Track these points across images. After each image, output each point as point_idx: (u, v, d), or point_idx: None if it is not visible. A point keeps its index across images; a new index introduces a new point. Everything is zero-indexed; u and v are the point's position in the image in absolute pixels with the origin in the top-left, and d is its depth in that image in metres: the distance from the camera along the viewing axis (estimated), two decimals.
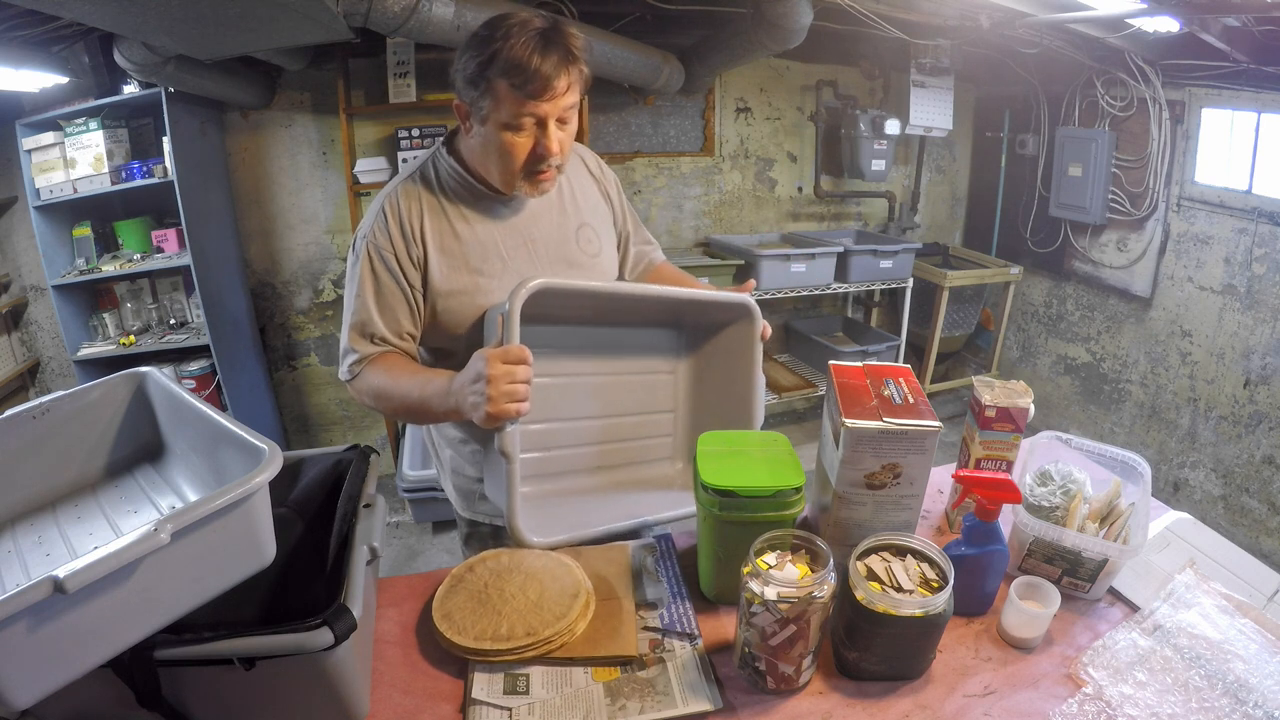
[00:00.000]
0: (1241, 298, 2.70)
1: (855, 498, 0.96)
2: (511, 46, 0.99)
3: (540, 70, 0.99)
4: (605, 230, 1.32)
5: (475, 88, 1.03)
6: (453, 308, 1.16)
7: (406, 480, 2.76)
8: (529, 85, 1.00)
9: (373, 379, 1.14)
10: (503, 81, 1.00)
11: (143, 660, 0.67)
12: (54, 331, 2.78)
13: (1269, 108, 2.52)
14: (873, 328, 3.73)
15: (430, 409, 1.08)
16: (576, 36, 1.04)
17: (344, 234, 3.04)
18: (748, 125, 3.45)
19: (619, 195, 1.37)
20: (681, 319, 1.31)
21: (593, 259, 1.26)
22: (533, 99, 1.01)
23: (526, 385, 0.97)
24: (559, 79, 1.01)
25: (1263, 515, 2.71)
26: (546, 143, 1.05)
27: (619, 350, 1.29)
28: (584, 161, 1.33)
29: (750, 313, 1.23)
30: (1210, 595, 0.97)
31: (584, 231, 1.27)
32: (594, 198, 1.32)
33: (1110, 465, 1.12)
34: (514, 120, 1.03)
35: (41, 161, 2.43)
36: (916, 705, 0.83)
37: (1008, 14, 2.47)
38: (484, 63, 1.00)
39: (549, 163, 1.08)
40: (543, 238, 1.21)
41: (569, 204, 1.26)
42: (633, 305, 1.22)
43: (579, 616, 0.91)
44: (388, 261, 1.12)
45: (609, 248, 1.32)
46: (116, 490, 0.95)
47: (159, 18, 1.63)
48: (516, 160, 1.07)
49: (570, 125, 1.10)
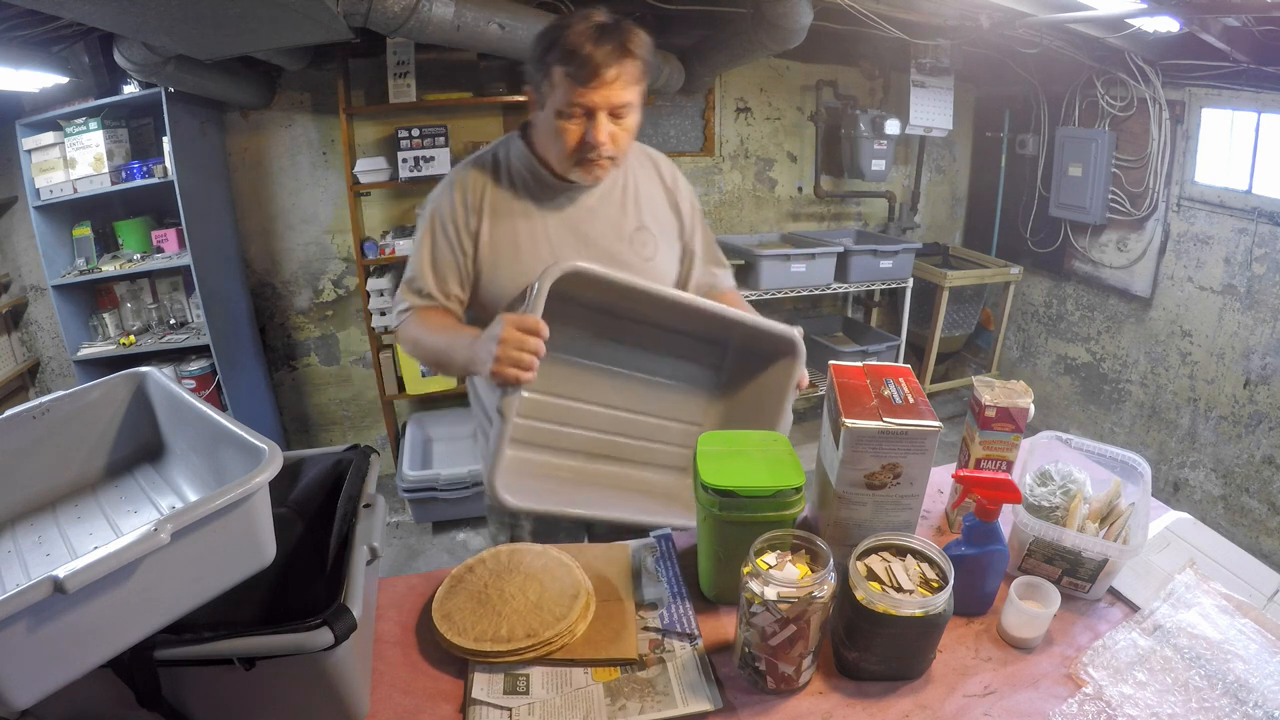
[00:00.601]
0: (1241, 298, 2.70)
1: (855, 498, 0.96)
2: (571, 35, 1.05)
3: (591, 58, 1.04)
4: (666, 239, 1.32)
5: (538, 72, 1.11)
6: (495, 284, 1.23)
7: (406, 480, 2.77)
8: (580, 72, 1.05)
9: (413, 328, 1.23)
10: (559, 68, 1.06)
11: (143, 660, 0.67)
12: (54, 331, 2.78)
13: (1269, 108, 2.52)
14: (873, 328, 3.73)
15: (453, 359, 1.15)
16: (637, 35, 1.09)
17: (344, 234, 3.04)
18: (748, 125, 3.45)
19: (692, 210, 1.37)
20: (724, 340, 1.29)
21: (645, 262, 1.27)
22: (581, 86, 1.06)
23: (533, 356, 1.01)
24: (609, 69, 1.05)
25: (1263, 515, 2.71)
26: (595, 133, 1.09)
27: (652, 369, 1.30)
28: (658, 168, 1.34)
29: (794, 350, 1.22)
30: (1210, 595, 0.97)
31: (640, 235, 1.28)
32: (660, 205, 1.32)
33: (1110, 465, 1.12)
34: (565, 107, 1.09)
35: (41, 161, 2.43)
36: (916, 705, 0.83)
37: (1008, 14, 2.47)
38: (546, 48, 1.08)
39: (598, 152, 1.12)
40: (595, 234, 1.24)
41: (630, 205, 1.27)
42: (671, 312, 1.19)
43: (579, 618, 0.91)
44: (446, 228, 1.21)
45: (666, 256, 1.32)
46: (116, 490, 0.95)
47: (159, 18, 1.63)
48: (567, 145, 1.12)
49: (626, 120, 1.13)
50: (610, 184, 1.27)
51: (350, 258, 3.07)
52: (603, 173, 1.18)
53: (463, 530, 2.98)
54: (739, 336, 1.27)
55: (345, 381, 3.33)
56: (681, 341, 1.29)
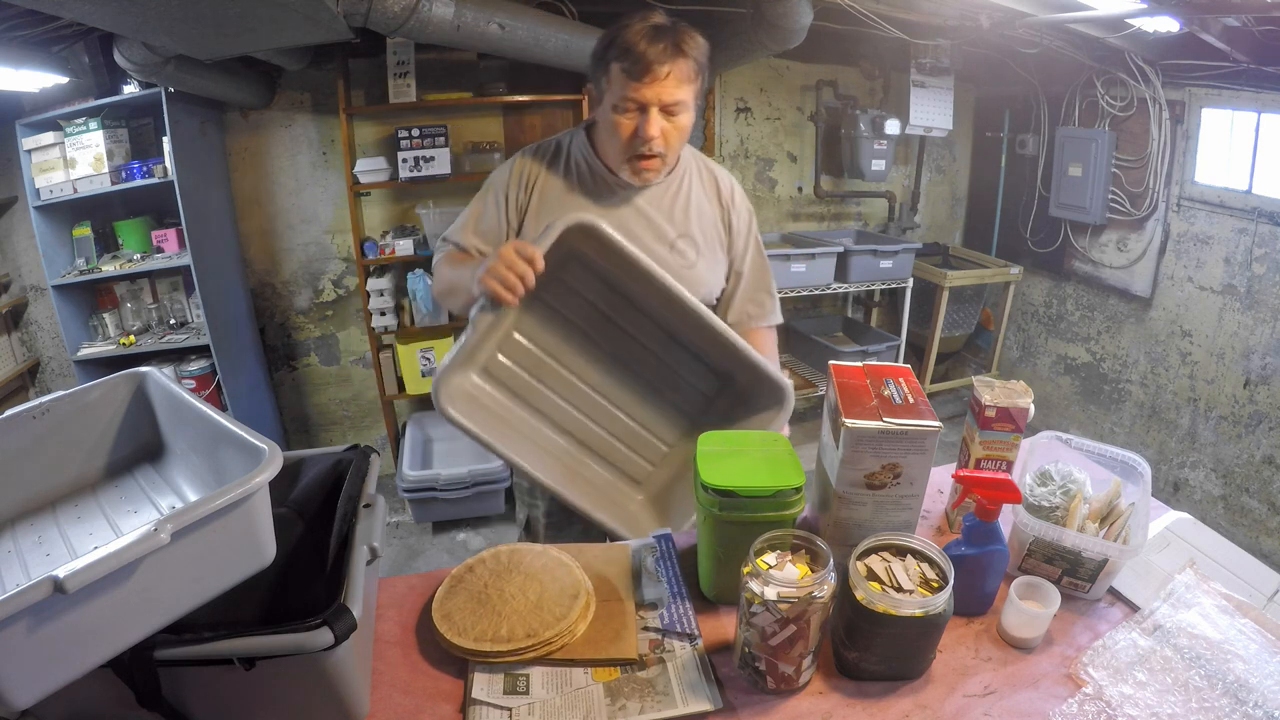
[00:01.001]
0: (1241, 298, 2.70)
1: (855, 498, 0.96)
2: (628, 33, 1.11)
3: (645, 54, 1.10)
4: (710, 252, 1.33)
5: (598, 69, 1.17)
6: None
7: (406, 480, 2.77)
8: (634, 68, 1.10)
9: (444, 265, 1.33)
10: (615, 64, 1.13)
11: (143, 660, 0.67)
12: (54, 331, 2.78)
13: (1269, 108, 2.52)
14: (873, 328, 3.73)
15: (466, 282, 1.20)
16: (691, 36, 1.14)
17: (344, 234, 3.04)
18: (748, 125, 3.45)
19: (746, 233, 1.37)
20: (727, 375, 1.29)
21: (682, 270, 1.27)
22: (635, 81, 1.11)
23: (520, 281, 1.05)
24: (661, 66, 1.10)
25: (1263, 515, 2.71)
26: (646, 127, 1.14)
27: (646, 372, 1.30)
28: (717, 183, 1.35)
29: (783, 400, 1.23)
30: (1210, 595, 0.97)
31: (683, 242, 1.30)
32: (709, 218, 1.33)
33: (1110, 465, 1.12)
34: (620, 101, 1.14)
35: (41, 161, 2.43)
36: (916, 705, 0.83)
37: (1008, 14, 2.47)
38: (606, 46, 1.15)
39: (650, 148, 1.16)
40: (638, 232, 1.26)
41: (679, 212, 1.29)
42: (674, 311, 1.19)
43: (579, 618, 0.91)
44: (499, 198, 1.30)
45: (707, 269, 1.32)
46: (116, 490, 0.95)
47: (159, 18, 1.63)
48: (621, 140, 1.17)
49: (678, 119, 1.17)
50: (663, 189, 1.29)
51: (350, 258, 3.07)
52: (652, 175, 1.21)
53: (463, 530, 2.98)
54: (742, 377, 1.27)
55: (345, 381, 3.33)
56: (685, 359, 1.28)
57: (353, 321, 3.23)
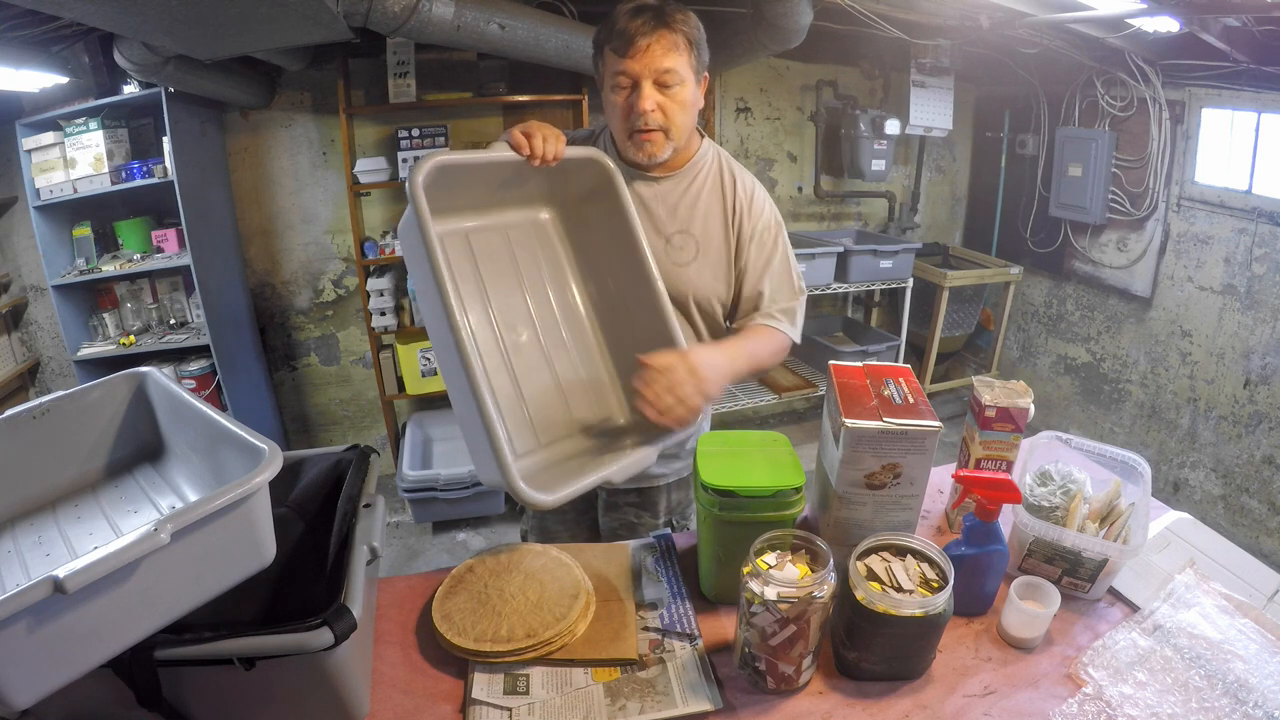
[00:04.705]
0: (1241, 298, 2.70)
1: (855, 498, 0.96)
2: (614, 14, 1.16)
3: (627, 29, 1.13)
4: (710, 252, 1.29)
5: (596, 58, 1.22)
6: None
7: (406, 480, 2.77)
8: (619, 44, 1.14)
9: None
10: (606, 46, 1.17)
11: (143, 660, 0.67)
12: (54, 331, 2.78)
13: (1269, 108, 2.52)
14: (873, 328, 3.73)
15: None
16: (676, 11, 1.16)
17: (344, 234, 3.04)
18: (748, 125, 3.45)
19: (754, 235, 1.30)
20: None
21: (675, 266, 1.27)
22: (621, 56, 1.14)
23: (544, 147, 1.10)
24: (643, 38, 1.13)
25: (1263, 515, 2.70)
26: (640, 100, 1.15)
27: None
28: (736, 187, 1.30)
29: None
30: (1210, 595, 0.97)
31: (680, 238, 1.29)
32: (715, 219, 1.29)
33: (1110, 465, 1.12)
34: (613, 78, 1.17)
35: (41, 161, 2.43)
36: (916, 705, 0.83)
37: (1008, 14, 2.47)
38: (598, 33, 1.19)
39: (646, 121, 1.17)
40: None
41: (682, 209, 1.29)
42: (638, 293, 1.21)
43: (579, 618, 0.91)
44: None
45: (705, 268, 1.28)
46: (116, 490, 0.95)
47: (159, 18, 1.63)
48: (620, 117, 1.19)
49: (674, 91, 1.18)
50: (673, 184, 1.28)
51: (350, 258, 3.07)
52: (655, 148, 1.21)
53: (463, 530, 2.98)
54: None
55: (345, 381, 3.33)
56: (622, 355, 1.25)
57: (353, 321, 3.23)
